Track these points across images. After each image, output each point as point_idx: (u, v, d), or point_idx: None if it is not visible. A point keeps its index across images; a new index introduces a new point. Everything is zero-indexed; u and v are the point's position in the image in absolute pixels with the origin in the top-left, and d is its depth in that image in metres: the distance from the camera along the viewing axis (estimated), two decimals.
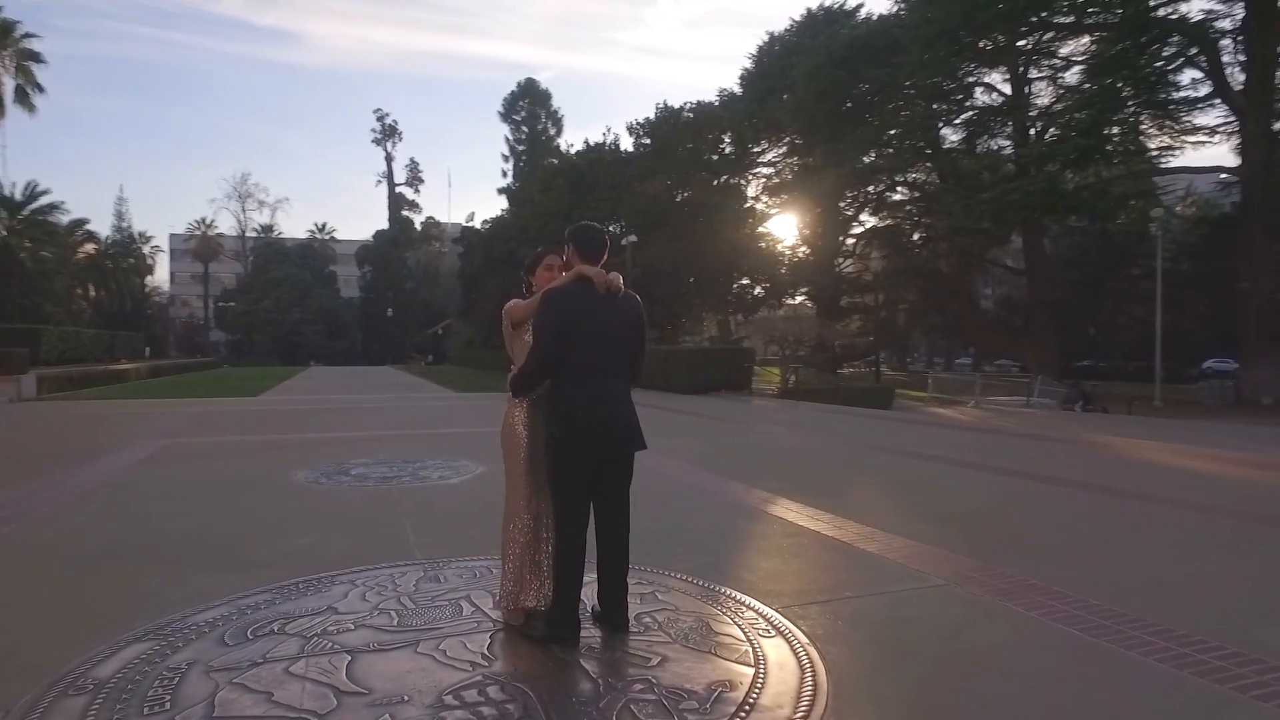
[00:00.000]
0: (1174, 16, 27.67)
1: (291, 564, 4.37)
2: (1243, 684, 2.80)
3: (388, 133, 75.28)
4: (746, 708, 2.64)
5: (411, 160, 76.86)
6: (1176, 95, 28.60)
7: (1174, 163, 31.09)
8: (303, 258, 71.39)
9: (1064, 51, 31.98)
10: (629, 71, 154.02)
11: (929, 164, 36.02)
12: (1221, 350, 36.26)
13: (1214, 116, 29.28)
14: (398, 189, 75.27)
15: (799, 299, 41.68)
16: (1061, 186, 28.44)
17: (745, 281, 36.96)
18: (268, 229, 76.47)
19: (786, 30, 40.47)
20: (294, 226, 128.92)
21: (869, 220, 38.98)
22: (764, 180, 42.12)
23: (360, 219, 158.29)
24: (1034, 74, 33.28)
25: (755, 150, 40.85)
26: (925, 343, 59.41)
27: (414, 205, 75.84)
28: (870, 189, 36.31)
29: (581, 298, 3.19)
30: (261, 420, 13.65)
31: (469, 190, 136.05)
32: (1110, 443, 11.15)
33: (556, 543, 3.23)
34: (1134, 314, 35.43)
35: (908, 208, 38.37)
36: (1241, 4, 27.07)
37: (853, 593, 3.90)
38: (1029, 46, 31.90)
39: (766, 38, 41.63)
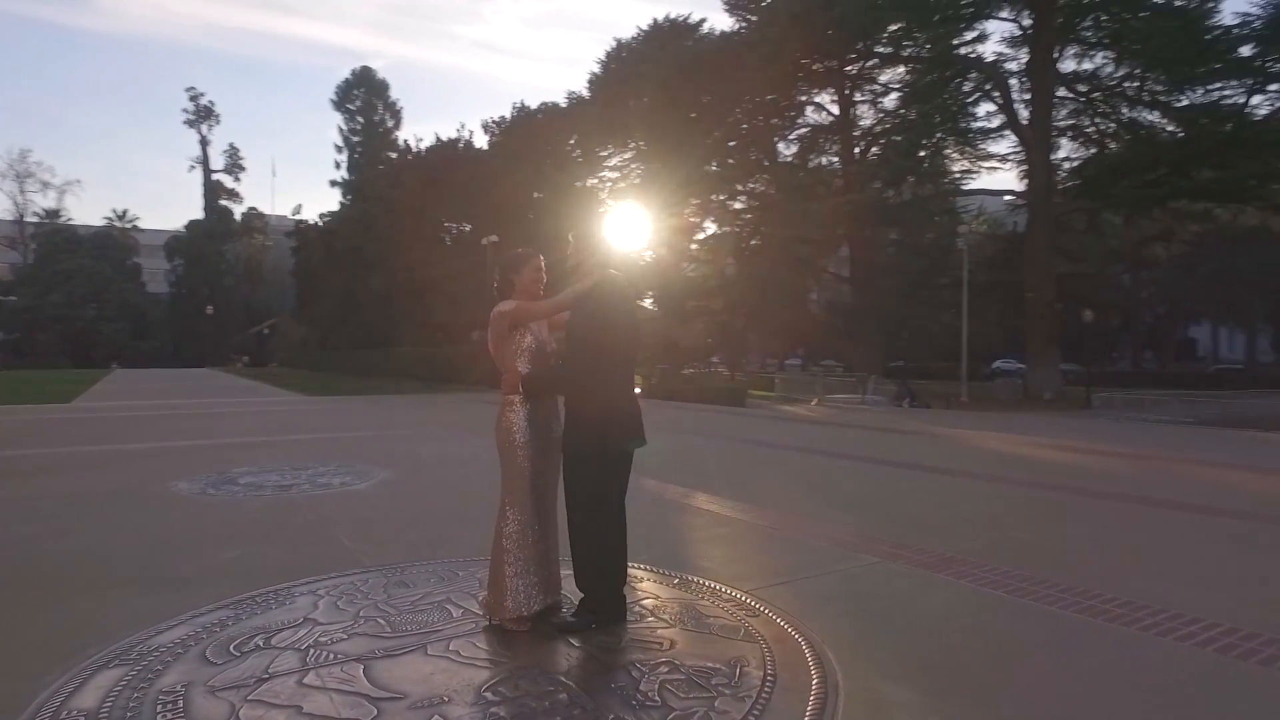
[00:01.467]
0: (973, 55, 31.37)
1: (229, 579, 4.12)
2: (1142, 625, 3.43)
3: (203, 114, 69.05)
4: (771, 678, 2.89)
5: (231, 146, 71.12)
6: (975, 125, 32.50)
7: (972, 185, 35.25)
8: (100, 248, 63.65)
9: (883, 78, 35.29)
10: (468, 67, 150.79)
11: (767, 175, 38.34)
12: (1009, 351, 41.44)
13: (1005, 145, 33.48)
14: (214, 176, 69.20)
15: (646, 302, 42.78)
16: (886, 201, 31.37)
17: None
18: (54, 214, 67.53)
19: (634, 38, 41.46)
20: (87, 213, 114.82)
21: (711, 227, 40.78)
22: (610, 184, 42.87)
23: (169, 208, 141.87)
24: (858, 97, 36.41)
25: (602, 154, 41.49)
26: (758, 344, 62.78)
27: (233, 194, 70.04)
28: (713, 197, 37.98)
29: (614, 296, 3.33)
30: (95, 429, 12.22)
31: (295, 181, 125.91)
32: (948, 433, 12.55)
33: (603, 530, 3.30)
34: (941, 319, 39.53)
35: (747, 216, 40.55)
36: (1026, 48, 31.08)
37: (805, 573, 4.27)
38: (854, 72, 34.87)
39: (614, 44, 42.43)
